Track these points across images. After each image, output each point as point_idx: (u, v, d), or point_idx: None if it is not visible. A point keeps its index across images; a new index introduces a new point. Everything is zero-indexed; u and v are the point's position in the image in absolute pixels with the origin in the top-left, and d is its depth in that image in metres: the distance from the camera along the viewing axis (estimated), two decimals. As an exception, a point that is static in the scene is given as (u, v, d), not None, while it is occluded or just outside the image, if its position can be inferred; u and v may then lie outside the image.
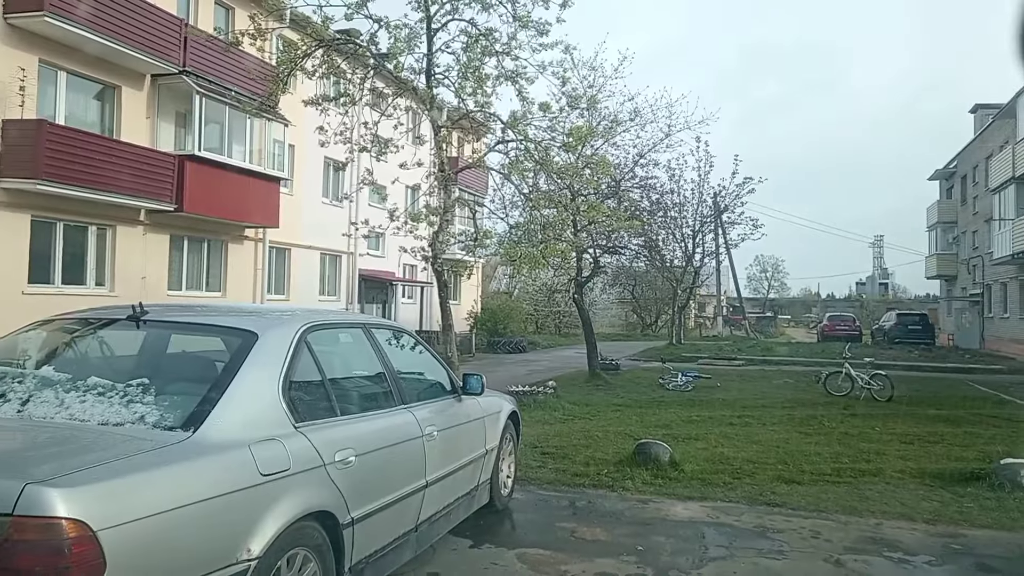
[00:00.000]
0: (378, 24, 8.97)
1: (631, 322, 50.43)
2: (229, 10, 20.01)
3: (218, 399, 2.98)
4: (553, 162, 10.07)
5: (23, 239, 14.51)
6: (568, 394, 13.04)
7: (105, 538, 2.24)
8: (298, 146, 21.43)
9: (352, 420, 3.74)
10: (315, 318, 3.87)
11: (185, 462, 2.69)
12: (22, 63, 14.24)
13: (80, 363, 3.36)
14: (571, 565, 4.80)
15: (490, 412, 5.65)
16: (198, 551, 2.59)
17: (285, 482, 3.03)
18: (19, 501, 2.16)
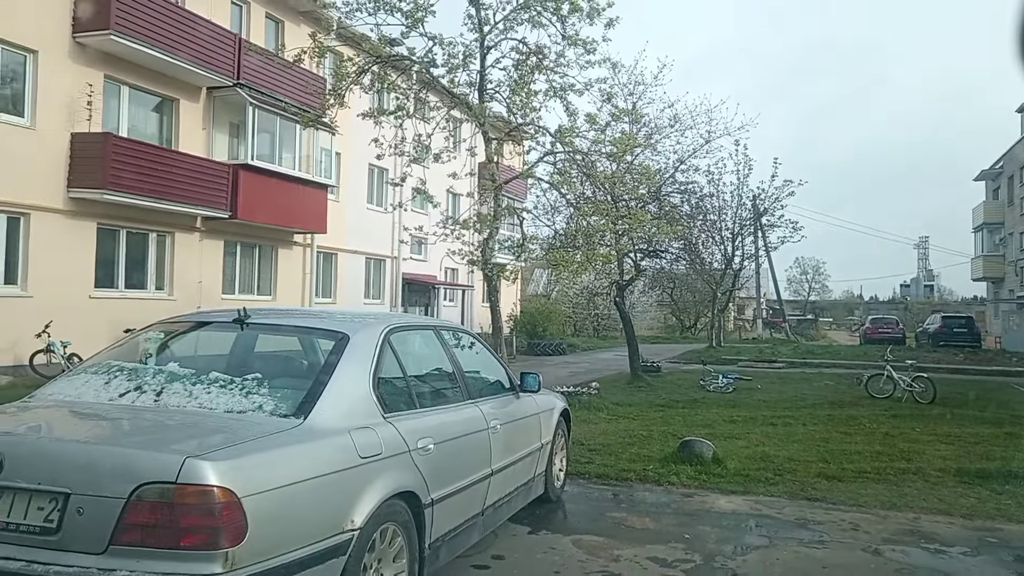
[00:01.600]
0: (433, 41, 9.48)
1: (670, 324, 50.40)
2: (279, 23, 20.75)
3: (321, 391, 3.43)
4: (598, 171, 10.43)
5: (90, 246, 15.31)
6: (611, 395, 13.37)
7: (247, 504, 2.68)
8: (344, 153, 22.09)
9: (429, 412, 4.17)
10: (395, 321, 4.32)
11: (301, 444, 3.14)
12: (89, 79, 15.05)
13: (199, 360, 3.82)
14: (623, 550, 5.17)
15: (545, 409, 6.04)
16: (314, 519, 3.03)
17: (378, 465, 3.46)
18: (181, 471, 2.62)
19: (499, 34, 9.65)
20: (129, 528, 2.61)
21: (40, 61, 14.20)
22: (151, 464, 2.68)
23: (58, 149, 14.50)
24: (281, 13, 20.57)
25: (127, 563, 2.59)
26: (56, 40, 14.48)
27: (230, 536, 2.63)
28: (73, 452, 2.85)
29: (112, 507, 2.62)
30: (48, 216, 14.33)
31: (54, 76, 14.39)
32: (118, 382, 3.53)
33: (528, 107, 9.65)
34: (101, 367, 3.73)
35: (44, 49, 14.26)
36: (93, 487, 2.66)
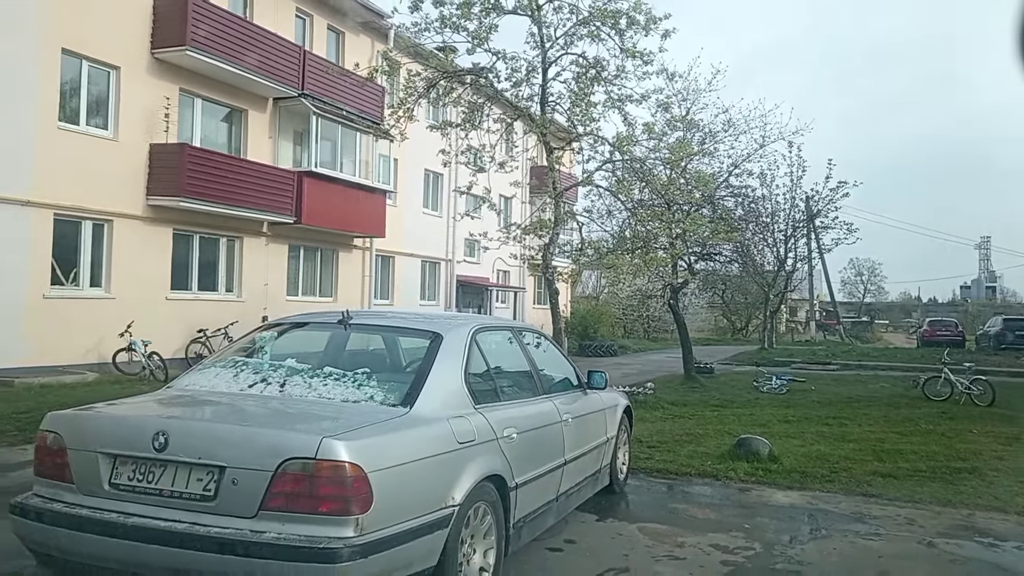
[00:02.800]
0: (496, 57, 9.94)
1: (720, 327, 50.13)
2: (339, 35, 21.50)
3: (423, 384, 3.87)
4: (657, 178, 10.76)
5: (166, 250, 16.18)
6: (666, 395, 13.65)
7: (372, 478, 3.13)
8: (401, 159, 22.73)
9: (511, 405, 4.59)
10: (480, 322, 4.76)
11: (411, 430, 3.59)
12: (166, 93, 15.91)
13: (312, 356, 4.31)
14: (687, 537, 5.51)
15: (610, 405, 6.42)
16: (423, 495, 3.47)
17: (472, 450, 3.89)
18: (319, 449, 3.08)
19: (560, 49, 10.09)
20: (276, 496, 3.09)
21: (122, 76, 15.08)
22: (294, 442, 3.16)
23: (138, 159, 15.38)
24: (342, 25, 21.31)
25: (274, 526, 3.06)
26: (136, 56, 15.36)
27: (359, 505, 3.09)
28: (227, 432, 3.35)
29: (261, 478, 3.10)
30: (129, 222, 15.21)
31: (134, 90, 15.26)
32: (245, 375, 4.04)
33: (588, 118, 10.05)
34: (227, 362, 4.25)
35: (126, 65, 15.13)
36: (245, 461, 3.15)
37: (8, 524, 3.62)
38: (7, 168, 12.88)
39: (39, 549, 3.45)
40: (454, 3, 9.48)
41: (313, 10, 20.22)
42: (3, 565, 4.53)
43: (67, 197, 13.90)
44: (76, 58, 14.29)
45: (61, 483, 3.45)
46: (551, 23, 9.99)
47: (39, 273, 13.57)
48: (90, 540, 3.23)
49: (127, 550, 3.15)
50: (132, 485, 3.29)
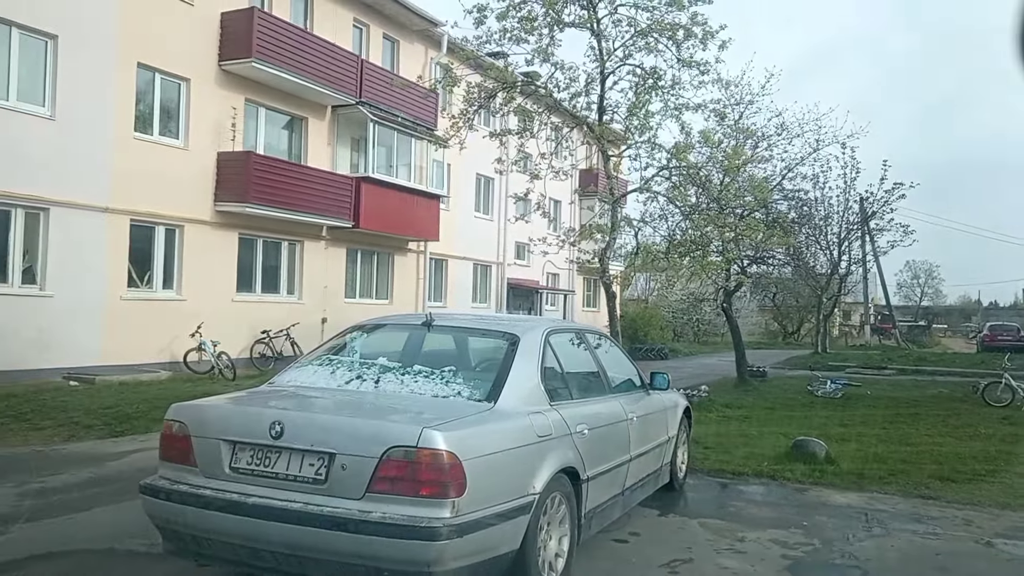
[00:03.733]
0: (555, 67, 10.25)
1: (771, 330, 49.58)
2: (395, 43, 22.06)
3: (504, 381, 4.19)
4: (711, 184, 10.94)
5: (232, 254, 16.86)
6: (720, 397, 13.76)
7: (466, 465, 3.46)
8: (453, 164, 23.17)
9: (582, 402, 4.87)
10: (552, 325, 5.07)
11: (496, 423, 3.91)
12: (232, 103, 16.61)
13: (400, 355, 4.66)
14: (747, 532, 5.73)
15: (671, 406, 6.67)
16: (508, 482, 3.78)
17: (550, 444, 4.18)
18: (420, 438, 3.41)
19: (618, 61, 10.34)
20: (381, 480, 3.43)
21: (192, 88, 15.79)
22: (397, 432, 3.50)
23: (206, 167, 16.07)
24: (397, 33, 21.87)
25: (380, 506, 3.41)
26: (205, 68, 16.06)
27: (456, 489, 3.42)
28: (336, 423, 3.72)
29: (368, 464, 3.45)
30: (198, 227, 15.91)
31: (203, 101, 15.97)
32: (341, 372, 4.41)
33: (646, 127, 10.29)
34: (323, 360, 4.63)
35: (195, 77, 15.84)
36: (353, 449, 3.50)
37: (124, 506, 4.04)
38: (89, 177, 13.63)
39: (166, 526, 3.86)
40: (516, 18, 9.82)
41: (370, 20, 20.80)
42: (128, 542, 4.99)
43: (142, 203, 14.62)
44: (150, 71, 15.02)
45: (185, 467, 3.85)
46: (610, 36, 10.28)
47: (117, 276, 14.31)
48: (215, 517, 3.62)
49: (248, 526, 3.53)
50: (251, 469, 3.68)
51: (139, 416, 10.25)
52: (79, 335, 13.53)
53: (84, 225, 13.62)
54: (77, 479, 6.78)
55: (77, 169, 13.44)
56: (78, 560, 4.68)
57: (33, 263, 13.15)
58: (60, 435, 9.26)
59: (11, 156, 12.43)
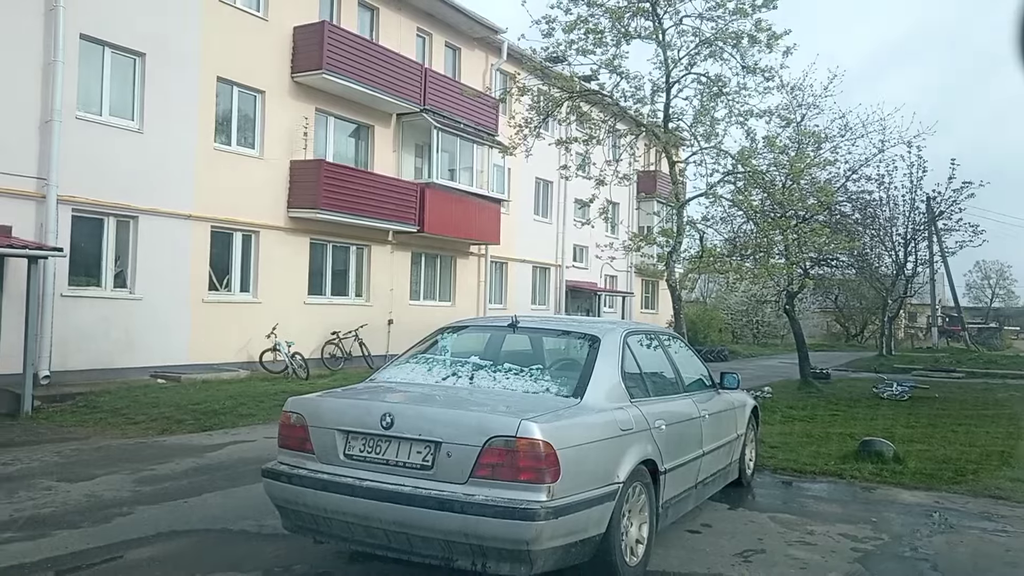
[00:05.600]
0: (620, 77, 10.53)
1: (834, 332, 48.69)
2: (456, 50, 22.57)
3: (589, 379, 4.52)
4: (777, 189, 11.06)
5: (304, 258, 17.55)
6: (783, 399, 13.81)
7: (560, 454, 3.79)
8: (513, 168, 23.56)
9: (659, 400, 5.16)
10: (629, 326, 5.38)
11: (584, 416, 4.23)
12: (304, 113, 17.30)
13: (489, 354, 5.02)
14: (816, 527, 5.93)
15: (739, 405, 6.90)
16: (596, 471, 4.10)
17: (632, 437, 4.49)
18: (519, 429, 3.76)
19: (683, 70, 10.57)
20: (483, 466, 3.79)
21: (267, 100, 16.52)
22: (497, 424, 3.86)
23: (280, 175, 16.78)
24: (458, 41, 22.38)
25: (482, 490, 3.76)
26: (278, 81, 16.78)
27: (551, 475, 3.75)
28: (442, 415, 4.09)
29: (471, 452, 3.81)
30: (272, 233, 16.63)
31: (277, 112, 16.69)
32: (437, 369, 4.80)
33: (712, 134, 10.47)
34: (419, 359, 5.03)
35: (269, 89, 16.56)
36: (457, 438, 3.87)
37: (231, 492, 4.48)
38: (173, 186, 14.41)
39: (287, 506, 4.29)
40: (583, 29, 10.13)
41: (432, 29, 21.34)
42: (240, 523, 5.47)
43: (221, 211, 15.37)
44: (228, 85, 15.78)
45: (303, 453, 4.28)
46: (675, 45, 10.49)
47: (199, 280, 15.08)
48: (332, 499, 4.03)
49: (362, 507, 3.93)
50: (363, 456, 4.08)
51: (225, 412, 10.90)
52: (165, 336, 14.31)
53: (169, 232, 14.41)
54: (182, 468, 7.35)
55: (163, 179, 14.23)
56: (198, 538, 5.17)
57: (123, 268, 13.98)
58: (154, 429, 9.93)
59: (104, 168, 13.26)
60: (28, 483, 6.51)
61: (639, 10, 10.10)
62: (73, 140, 12.72)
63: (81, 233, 13.20)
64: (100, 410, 10.90)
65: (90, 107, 13.33)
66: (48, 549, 4.78)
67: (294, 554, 4.79)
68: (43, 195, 12.39)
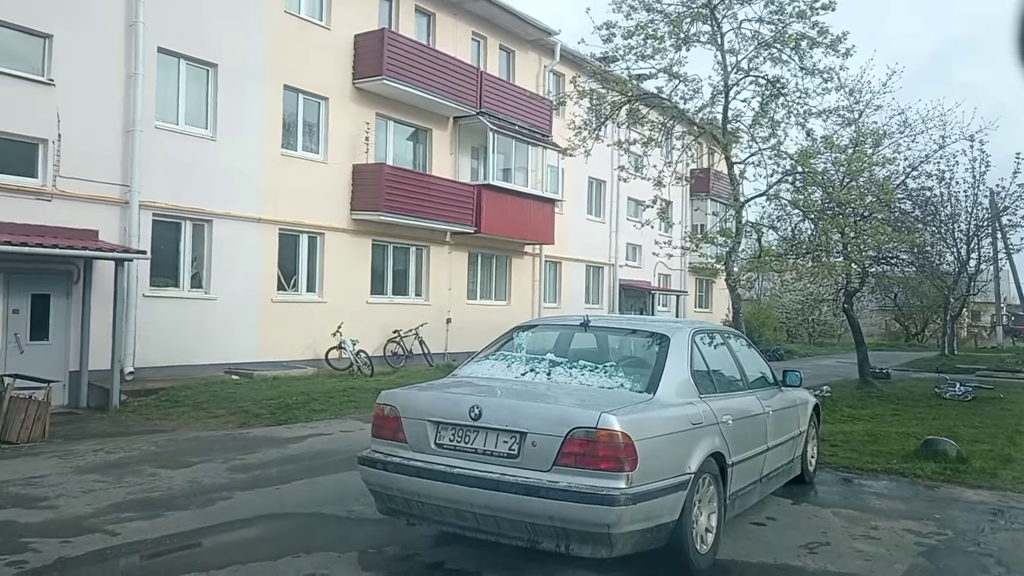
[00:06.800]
0: (678, 80, 10.71)
1: (893, 331, 47.66)
2: (510, 53, 22.91)
3: (661, 375, 4.78)
4: (833, 186, 11.11)
5: (366, 259, 18.09)
6: (842, 398, 13.80)
7: (637, 445, 4.08)
8: (567, 168, 23.81)
9: (726, 396, 5.39)
10: (696, 325, 5.63)
11: (658, 410, 4.51)
12: (365, 118, 17.83)
13: (564, 351, 5.32)
14: (879, 523, 6.08)
15: (801, 402, 7.07)
16: (669, 462, 4.37)
17: (701, 431, 4.74)
18: (599, 421, 4.06)
19: (742, 74, 10.70)
20: (565, 455, 4.10)
21: (330, 106, 17.09)
22: (579, 416, 4.16)
23: (343, 178, 17.35)
24: (512, 44, 22.72)
25: (565, 477, 4.07)
26: (341, 87, 17.34)
27: (629, 464, 4.04)
28: (526, 407, 4.41)
29: (554, 442, 4.12)
30: (337, 235, 17.20)
31: (339, 117, 17.25)
32: (516, 366, 5.13)
33: (772, 135, 10.59)
34: (497, 356, 5.37)
35: (332, 96, 17.13)
36: (541, 429, 4.18)
37: (318, 480, 4.85)
38: (245, 190, 15.06)
39: (381, 491, 4.66)
40: (640, 35, 10.34)
41: (487, 32, 21.72)
42: (330, 508, 5.89)
43: (288, 214, 15.98)
44: (294, 92, 16.39)
45: (395, 442, 4.64)
46: (735, 49, 10.63)
47: (268, 280, 15.72)
48: (425, 484, 4.38)
49: (454, 491, 4.28)
50: (453, 445, 4.42)
51: (299, 407, 11.42)
52: (237, 334, 14.97)
53: (241, 234, 15.07)
54: (269, 458, 7.83)
55: (234, 184, 14.88)
56: (294, 520, 5.60)
57: (199, 269, 14.67)
58: (234, 422, 10.49)
59: (181, 174, 13.94)
60: (133, 469, 7.06)
61: (698, 15, 10.28)
62: (152, 148, 13.41)
63: (160, 236, 13.90)
64: (182, 404, 11.52)
65: (167, 116, 14.02)
66: (164, 527, 5.26)
67: (384, 537, 5.16)
68: (126, 201, 13.11)
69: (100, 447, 8.23)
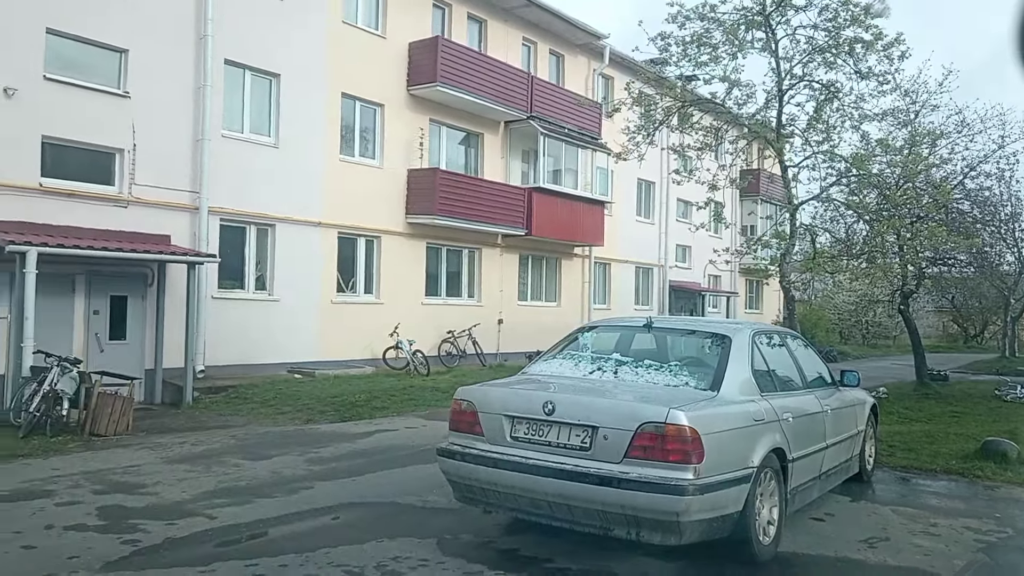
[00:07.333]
0: (732, 86, 10.85)
1: (950, 333, 46.55)
2: (560, 57, 23.16)
3: (724, 374, 5.00)
4: (892, 190, 11.12)
5: (420, 262, 18.52)
6: (899, 400, 13.72)
7: (704, 439, 4.31)
8: (616, 170, 23.93)
9: (785, 395, 5.58)
10: (756, 326, 5.84)
11: (722, 407, 4.74)
12: (419, 124, 18.27)
13: (628, 351, 5.57)
14: (938, 520, 6.18)
15: (859, 402, 7.20)
16: (733, 456, 4.59)
17: (763, 427, 4.95)
18: (668, 416, 4.31)
19: (795, 79, 10.80)
20: (636, 448, 4.35)
21: (385, 113, 17.57)
22: (648, 412, 4.42)
23: (398, 183, 17.80)
24: (562, 48, 22.96)
25: (636, 469, 4.33)
26: (396, 94, 17.80)
27: (697, 457, 4.28)
28: (598, 403, 4.69)
29: (625, 436, 4.38)
30: (393, 238, 17.67)
31: (394, 124, 17.70)
32: (583, 364, 5.40)
33: (827, 140, 10.67)
34: (564, 355, 5.64)
35: (388, 102, 17.59)
36: (613, 424, 4.44)
37: (392, 472, 5.16)
38: (307, 196, 15.60)
39: (459, 480, 4.98)
40: (694, 44, 10.51)
41: (537, 37, 22.01)
42: (407, 498, 6.24)
43: (346, 218, 16.48)
44: (352, 100, 16.89)
45: (472, 435, 4.95)
46: (790, 55, 10.72)
47: (328, 282, 16.25)
48: (503, 474, 4.68)
49: (530, 481, 4.57)
50: (528, 438, 4.71)
51: (361, 404, 11.85)
52: (298, 334, 15.51)
53: (302, 238, 15.61)
54: (341, 452, 8.23)
55: (295, 189, 15.42)
56: (373, 509, 5.96)
57: (263, 272, 15.24)
58: (300, 418, 10.95)
59: (245, 180, 14.52)
60: (218, 460, 7.52)
61: (752, 22, 10.41)
62: (219, 156, 14.00)
63: (227, 240, 14.49)
64: (251, 401, 12.05)
65: (233, 125, 14.61)
66: (255, 512, 5.67)
67: (459, 525, 5.48)
68: (196, 207, 13.72)
69: (183, 440, 8.74)
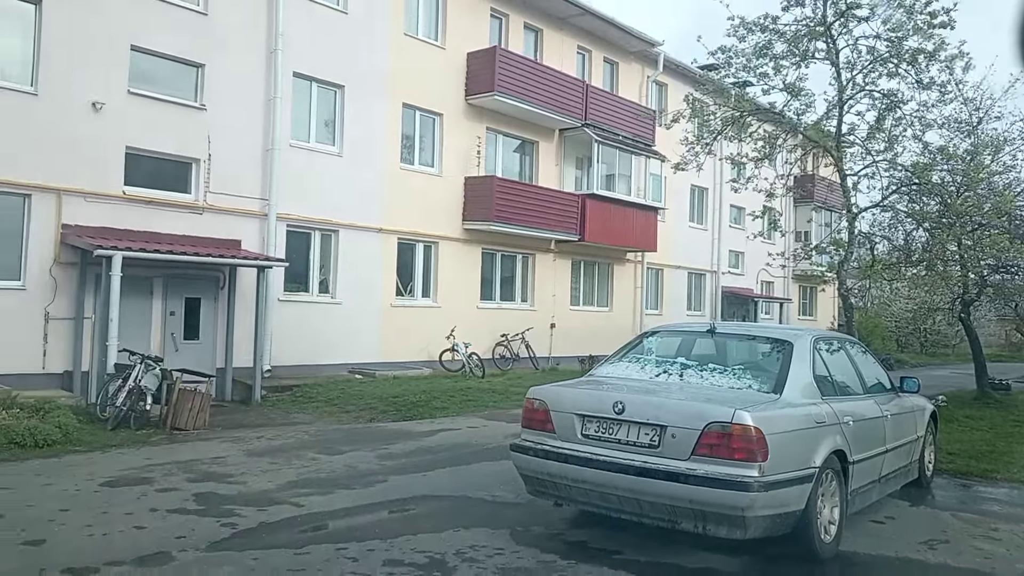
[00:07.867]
0: (792, 95, 10.96)
1: (1014, 341, 45.17)
2: (614, 65, 23.38)
3: (786, 378, 5.21)
4: (953, 199, 11.07)
5: (476, 267, 18.91)
6: (959, 408, 13.53)
7: (768, 439, 4.54)
8: (669, 177, 24.00)
9: (846, 399, 5.75)
10: (817, 333, 6.03)
11: (785, 409, 4.95)
12: (476, 132, 18.67)
13: (692, 355, 5.81)
14: (999, 525, 6.26)
15: (919, 408, 7.29)
16: (796, 456, 4.79)
17: (825, 429, 5.14)
18: (734, 417, 4.55)
19: (857, 88, 10.87)
20: (703, 446, 4.60)
21: (444, 122, 18.02)
22: (714, 412, 4.66)
23: (455, 190, 18.23)
24: (616, 56, 23.18)
25: (702, 466, 4.57)
26: (454, 103, 18.24)
27: (761, 455, 4.50)
28: (666, 403, 4.94)
29: (692, 435, 4.63)
30: (450, 243, 18.10)
31: (452, 132, 18.14)
32: (649, 367, 5.66)
33: (890, 150, 10.70)
34: (629, 358, 5.91)
35: (446, 111, 18.04)
36: (680, 423, 4.70)
37: (459, 469, 5.47)
38: (369, 203, 16.13)
39: (532, 475, 5.28)
40: (757, 54, 10.67)
41: (592, 46, 22.27)
42: (476, 492, 6.56)
43: (406, 224, 16.96)
44: (412, 109, 17.38)
45: (544, 432, 5.25)
46: (851, 65, 10.80)
47: (388, 286, 16.74)
48: (574, 469, 4.97)
49: (601, 476, 4.84)
50: (598, 435, 4.99)
51: (422, 404, 12.24)
52: (359, 336, 16.02)
53: (364, 244, 16.13)
54: (408, 448, 8.61)
55: (358, 196, 15.95)
56: (447, 501, 6.30)
57: (326, 276, 15.81)
58: (364, 417, 11.38)
59: (311, 188, 15.09)
60: (296, 454, 7.97)
61: (814, 33, 10.52)
62: (287, 165, 14.60)
63: (292, 245, 15.07)
64: (316, 400, 12.54)
65: (300, 135, 15.20)
66: (338, 502, 6.06)
67: (529, 518, 5.78)
68: (265, 213, 14.33)
69: (260, 435, 9.23)
